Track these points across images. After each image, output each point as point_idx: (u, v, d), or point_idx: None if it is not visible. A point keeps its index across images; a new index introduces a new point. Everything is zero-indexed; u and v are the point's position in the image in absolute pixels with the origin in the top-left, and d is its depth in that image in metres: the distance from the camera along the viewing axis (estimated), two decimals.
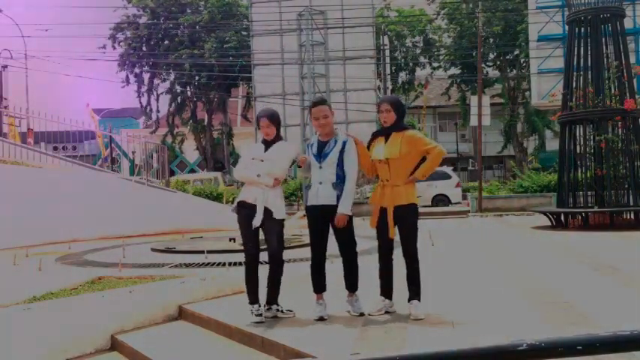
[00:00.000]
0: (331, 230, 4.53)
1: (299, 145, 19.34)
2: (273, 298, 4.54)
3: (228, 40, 30.37)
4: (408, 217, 4.42)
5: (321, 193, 4.47)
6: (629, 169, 12.18)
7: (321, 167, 4.49)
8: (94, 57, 37.23)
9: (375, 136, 4.67)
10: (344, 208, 4.41)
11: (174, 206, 13.96)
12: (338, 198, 4.45)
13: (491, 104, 23.91)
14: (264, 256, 4.58)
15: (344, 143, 4.52)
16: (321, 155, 4.51)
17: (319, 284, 4.53)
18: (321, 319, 4.38)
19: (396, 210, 4.39)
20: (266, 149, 4.58)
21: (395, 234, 4.49)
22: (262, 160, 4.52)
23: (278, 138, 4.65)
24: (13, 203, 10.78)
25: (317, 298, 4.51)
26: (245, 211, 4.50)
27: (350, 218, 4.50)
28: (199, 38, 31.28)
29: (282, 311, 4.50)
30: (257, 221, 4.44)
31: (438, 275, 5.89)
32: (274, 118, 4.62)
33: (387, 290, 4.52)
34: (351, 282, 4.56)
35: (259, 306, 4.40)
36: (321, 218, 4.49)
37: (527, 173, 21.87)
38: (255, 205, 4.46)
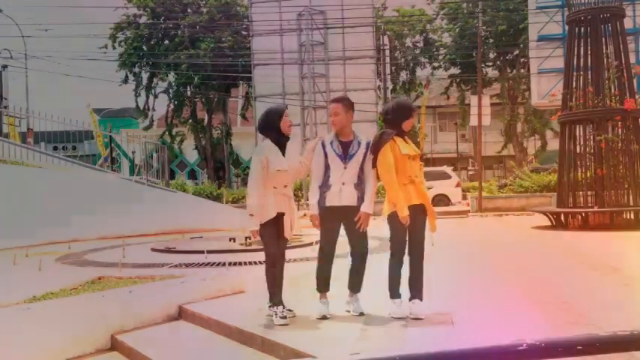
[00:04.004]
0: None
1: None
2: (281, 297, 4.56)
3: (224, 41, 30.36)
4: (425, 216, 4.47)
5: (344, 194, 4.45)
6: (629, 169, 12.17)
7: (345, 168, 4.47)
8: (94, 57, 37.20)
9: (392, 134, 4.47)
10: (369, 208, 4.46)
11: (174, 206, 13.96)
12: (358, 199, 4.47)
13: (491, 104, 23.89)
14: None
15: (368, 145, 4.52)
16: (346, 156, 4.49)
17: (325, 284, 4.54)
18: (324, 317, 4.38)
19: (422, 208, 4.43)
20: (282, 153, 4.52)
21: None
22: (287, 170, 4.50)
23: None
24: (13, 203, 10.78)
25: (321, 296, 4.52)
26: (277, 219, 4.49)
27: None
28: (199, 38, 31.28)
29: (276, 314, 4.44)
30: (289, 233, 4.54)
31: (438, 275, 5.89)
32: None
33: (398, 291, 4.48)
34: (357, 282, 4.57)
35: (284, 307, 4.37)
36: (339, 219, 4.49)
37: (527, 172, 21.86)
38: (283, 214, 4.49)
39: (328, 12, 24.57)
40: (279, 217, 4.49)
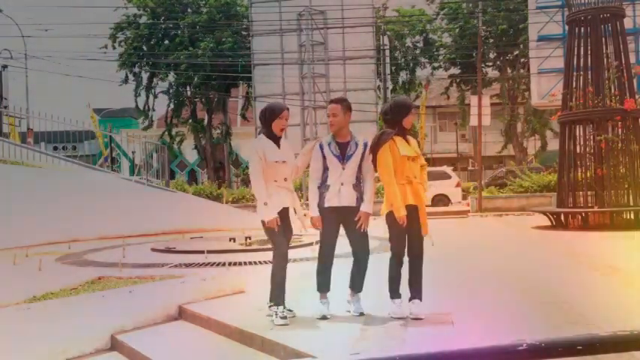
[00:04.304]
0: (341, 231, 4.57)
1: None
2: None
3: (224, 42, 30.37)
4: (424, 217, 4.46)
5: (343, 195, 4.48)
6: (629, 169, 12.17)
7: (344, 168, 4.49)
8: (94, 57, 37.23)
9: (392, 134, 4.47)
10: (368, 208, 4.50)
11: (174, 206, 13.96)
12: (357, 199, 4.50)
13: (491, 104, 23.90)
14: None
15: (365, 145, 4.55)
16: (344, 157, 4.51)
17: (325, 284, 4.55)
18: (324, 317, 4.39)
19: (419, 209, 4.42)
20: (278, 147, 4.54)
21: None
22: (284, 162, 4.51)
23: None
24: (13, 203, 10.78)
25: (321, 297, 4.53)
26: (282, 215, 4.49)
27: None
28: (198, 38, 31.31)
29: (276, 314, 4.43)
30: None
31: (438, 275, 5.89)
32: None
33: (398, 291, 4.47)
34: (359, 281, 4.58)
35: (284, 308, 4.37)
36: (339, 219, 4.51)
37: (527, 173, 21.86)
38: (287, 208, 4.51)
39: (328, 12, 24.57)
40: (285, 212, 4.51)
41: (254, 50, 26.54)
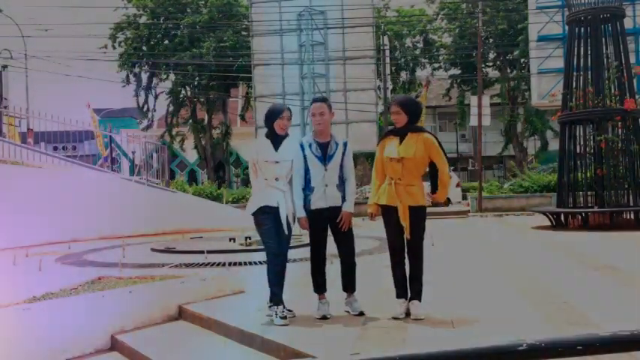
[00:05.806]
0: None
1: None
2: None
3: (225, 40, 30.36)
4: (419, 218, 4.40)
5: (329, 196, 4.48)
6: (629, 169, 12.17)
7: (326, 170, 4.48)
8: (94, 57, 37.22)
9: (387, 134, 4.63)
10: (349, 207, 4.51)
11: (175, 206, 13.96)
12: (342, 199, 4.50)
13: (491, 104, 23.92)
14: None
15: (345, 145, 4.56)
16: (325, 157, 4.50)
17: (321, 285, 4.55)
18: (324, 317, 4.39)
19: (410, 210, 4.37)
20: (275, 147, 4.51)
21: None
22: (277, 162, 4.48)
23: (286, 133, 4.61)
24: (13, 203, 10.78)
25: (320, 297, 4.53)
26: (271, 213, 4.46)
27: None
28: (198, 38, 31.30)
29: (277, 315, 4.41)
30: (287, 229, 4.49)
31: (437, 275, 5.90)
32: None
33: (404, 291, 4.46)
34: (350, 282, 4.57)
35: (284, 307, 4.36)
36: (326, 220, 4.50)
37: (527, 173, 21.86)
38: (277, 208, 4.46)
39: (328, 12, 24.57)
40: (275, 212, 4.46)
41: (254, 50, 26.53)
